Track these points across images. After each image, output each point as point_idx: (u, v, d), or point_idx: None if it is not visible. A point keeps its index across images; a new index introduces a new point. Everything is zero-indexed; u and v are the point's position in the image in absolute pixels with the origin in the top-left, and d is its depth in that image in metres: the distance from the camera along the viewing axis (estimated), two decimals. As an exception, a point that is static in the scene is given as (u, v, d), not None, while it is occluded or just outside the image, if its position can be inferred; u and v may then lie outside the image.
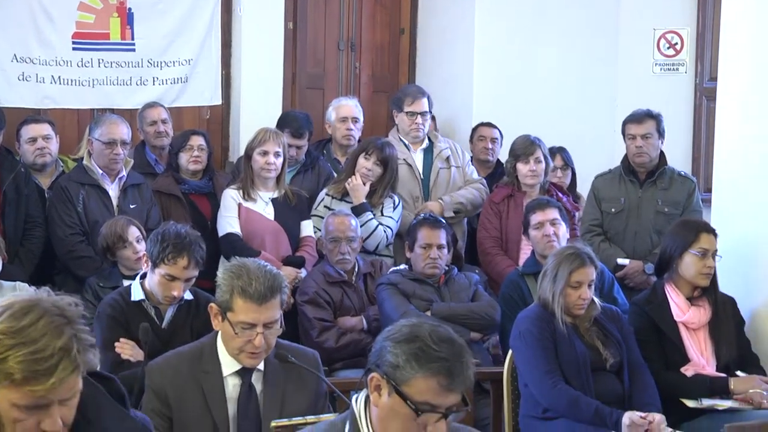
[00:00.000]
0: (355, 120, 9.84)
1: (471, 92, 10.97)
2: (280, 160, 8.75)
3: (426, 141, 9.72)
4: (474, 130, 10.20)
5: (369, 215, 8.71)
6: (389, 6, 11.50)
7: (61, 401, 3.20)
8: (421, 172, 9.57)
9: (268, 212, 8.73)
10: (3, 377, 3.15)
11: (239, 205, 8.67)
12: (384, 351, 3.81)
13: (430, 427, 3.74)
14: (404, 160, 9.51)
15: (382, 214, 8.87)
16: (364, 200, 8.77)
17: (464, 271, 8.53)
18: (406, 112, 9.65)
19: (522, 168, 9.03)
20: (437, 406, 3.71)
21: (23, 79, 9.87)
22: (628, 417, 6.35)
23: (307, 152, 9.67)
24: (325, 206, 8.93)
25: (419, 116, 9.59)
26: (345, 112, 9.84)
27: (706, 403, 6.82)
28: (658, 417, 6.37)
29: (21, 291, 6.92)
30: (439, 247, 7.92)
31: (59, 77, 10.08)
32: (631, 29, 11.28)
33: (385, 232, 8.82)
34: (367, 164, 8.87)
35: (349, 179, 8.88)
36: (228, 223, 8.60)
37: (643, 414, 6.39)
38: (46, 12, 10.02)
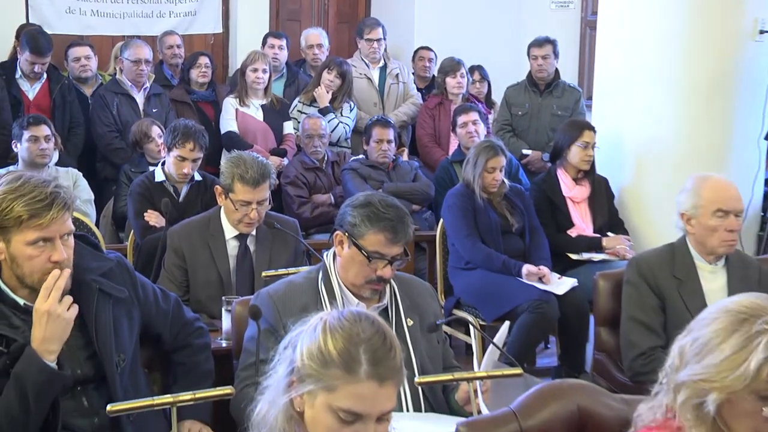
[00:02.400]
0: (320, 46, 9.84)
1: (413, 22, 10.97)
2: (267, 75, 8.80)
3: (381, 61, 9.75)
4: (415, 52, 10.22)
5: (332, 115, 8.79)
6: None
7: (61, 237, 3.42)
8: (377, 85, 9.62)
9: (259, 115, 8.77)
10: (14, 222, 3.36)
11: (236, 110, 8.73)
12: (345, 214, 3.94)
13: (380, 271, 3.86)
14: (365, 75, 9.62)
15: (342, 115, 8.95)
16: (328, 104, 8.88)
17: (407, 160, 8.71)
18: (366, 39, 9.72)
19: (450, 81, 9.14)
20: (384, 254, 3.85)
21: (69, 12, 9.90)
22: (526, 268, 6.64)
23: (289, 68, 9.72)
24: (298, 111, 9.03)
25: (375, 42, 9.67)
26: (312, 40, 9.87)
27: (585, 256, 7.04)
28: (546, 269, 6.66)
29: (71, 174, 7.09)
30: (388, 141, 8.09)
31: (97, 11, 10.12)
32: None
33: (344, 128, 8.96)
34: (329, 77, 8.97)
35: (316, 89, 8.99)
36: (228, 123, 8.68)
37: (536, 267, 6.68)
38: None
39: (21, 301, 3.49)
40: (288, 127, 8.86)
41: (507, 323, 4.19)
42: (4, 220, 3.37)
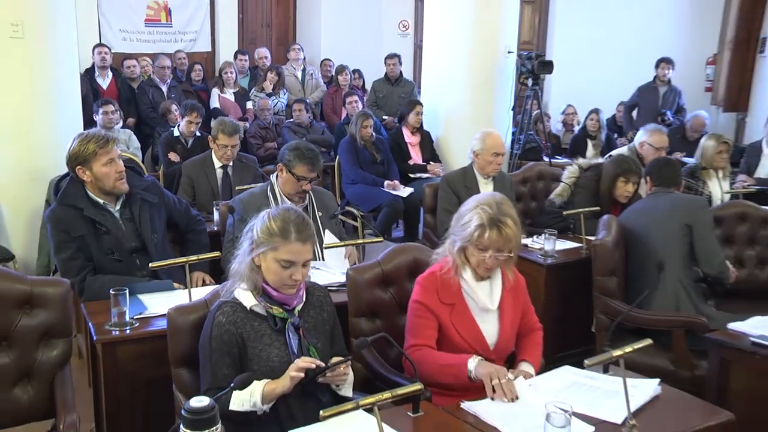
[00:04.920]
0: (266, 58, 9.54)
1: (320, 43, 10.75)
2: (234, 75, 8.70)
3: (302, 66, 9.51)
4: (322, 61, 9.98)
5: (274, 98, 8.64)
6: None
7: (119, 159, 3.52)
8: (300, 80, 9.39)
9: (231, 98, 8.62)
10: (91, 155, 3.42)
11: (218, 95, 8.58)
12: (284, 153, 3.89)
13: (304, 186, 3.83)
14: (293, 74, 9.36)
15: (279, 97, 8.75)
16: (271, 91, 8.71)
17: (318, 122, 8.50)
18: (292, 54, 9.55)
19: (341, 78, 9.11)
20: (306, 177, 3.82)
21: (123, 40, 9.65)
22: (385, 182, 6.67)
23: (250, 70, 9.43)
24: (254, 95, 8.74)
25: (298, 57, 9.49)
26: (262, 54, 9.53)
27: (418, 175, 6.99)
28: (396, 182, 6.66)
29: (127, 133, 6.95)
30: (306, 111, 7.98)
31: (138, 38, 9.86)
32: (390, 23, 11.11)
33: (281, 104, 8.78)
34: (271, 76, 8.78)
35: (264, 82, 8.79)
36: (213, 102, 8.54)
37: (391, 181, 6.68)
38: (133, 9, 9.81)
39: (101, 201, 3.51)
40: (249, 105, 8.65)
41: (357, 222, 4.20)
42: (85, 154, 3.42)
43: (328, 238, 3.95)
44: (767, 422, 2.90)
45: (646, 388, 2.40)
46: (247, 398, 2.32)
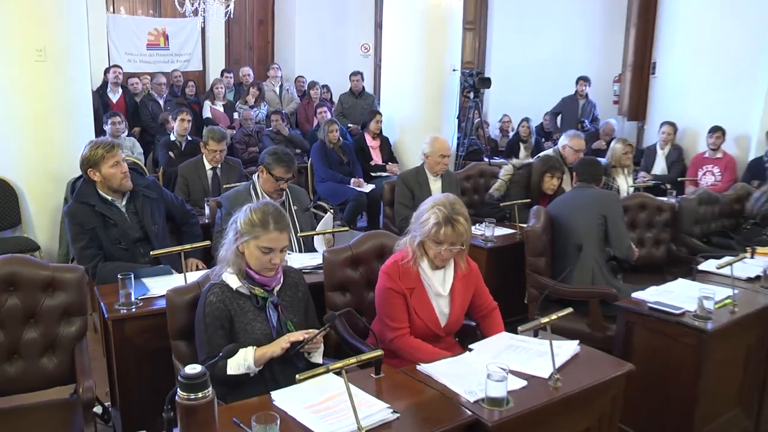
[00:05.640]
0: (249, 75, 9.31)
1: (294, 62, 10.57)
2: (223, 90, 8.54)
3: (279, 82, 9.38)
4: (296, 78, 9.85)
5: (256, 109, 8.49)
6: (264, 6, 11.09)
7: (123, 161, 3.47)
8: (278, 94, 9.26)
9: (221, 109, 8.47)
10: (99, 158, 3.40)
11: (210, 106, 8.42)
12: (264, 157, 3.83)
13: (281, 185, 3.79)
14: (272, 89, 9.23)
15: (260, 108, 8.62)
16: (253, 103, 8.60)
17: (295, 129, 8.38)
18: (271, 73, 9.41)
19: (312, 92, 9.02)
20: (283, 177, 3.77)
21: (128, 61, 9.41)
22: (351, 180, 6.51)
23: (235, 86, 9.20)
24: (239, 106, 8.59)
25: (275, 75, 9.37)
26: (245, 72, 9.28)
27: (378, 173, 6.93)
28: (361, 180, 6.55)
29: (132, 141, 6.82)
30: (282, 120, 7.77)
31: (140, 60, 9.65)
32: (354, 45, 10.97)
33: (262, 115, 8.59)
34: (253, 90, 8.70)
35: (247, 96, 8.66)
36: (205, 113, 8.36)
37: (357, 179, 6.55)
38: (136, 35, 9.61)
39: (110, 198, 3.48)
40: (235, 116, 8.48)
41: (330, 212, 4.17)
42: (95, 158, 3.39)
43: (318, 239, 3.87)
44: (660, 370, 2.98)
45: (568, 348, 2.44)
46: (242, 362, 2.32)
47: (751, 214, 4.95)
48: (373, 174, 7.00)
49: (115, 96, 8.00)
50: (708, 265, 3.65)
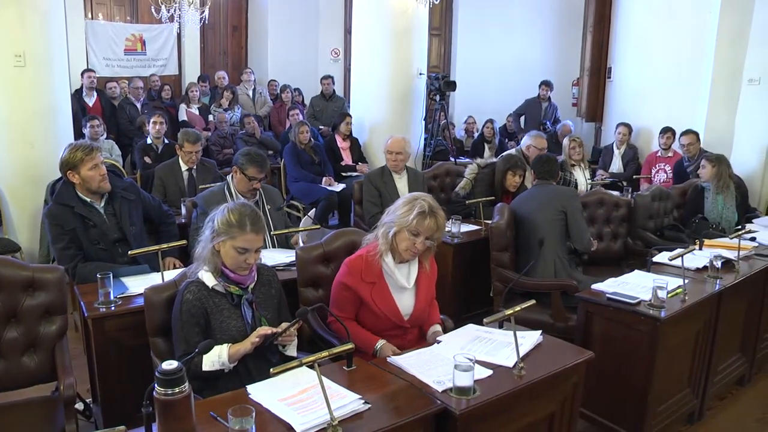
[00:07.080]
0: (224, 78, 9.32)
1: (267, 67, 10.49)
2: (198, 93, 8.41)
3: (253, 86, 9.27)
4: (269, 81, 9.78)
5: (230, 112, 8.36)
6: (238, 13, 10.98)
7: (102, 164, 3.40)
8: (251, 97, 9.16)
9: (196, 112, 8.36)
10: (78, 161, 3.32)
11: (185, 110, 8.33)
12: (237, 158, 3.80)
13: (254, 185, 3.76)
14: (245, 93, 9.14)
15: (233, 111, 8.48)
16: (227, 106, 8.48)
17: (267, 132, 8.35)
18: (244, 77, 9.32)
19: (284, 96, 8.87)
20: (256, 177, 3.74)
21: (106, 66, 9.29)
22: (323, 179, 6.49)
23: (211, 90, 9.14)
24: (214, 109, 8.46)
25: (248, 78, 9.28)
26: (220, 76, 9.30)
27: (349, 173, 6.85)
28: (331, 179, 6.51)
29: (110, 143, 6.70)
30: (255, 123, 7.69)
31: (118, 64, 9.47)
32: (324, 50, 10.88)
33: (236, 117, 8.42)
34: (227, 94, 8.56)
35: (222, 99, 8.53)
36: (181, 116, 8.27)
37: (328, 178, 6.61)
38: (114, 41, 9.44)
39: (89, 200, 3.41)
40: (210, 118, 8.39)
41: (313, 210, 4.15)
42: (74, 161, 3.32)
43: (275, 224, 3.84)
44: (617, 356, 3.03)
45: (531, 338, 2.46)
46: (216, 359, 2.30)
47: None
48: (343, 174, 6.97)
49: (90, 100, 7.85)
50: (661, 257, 3.70)
